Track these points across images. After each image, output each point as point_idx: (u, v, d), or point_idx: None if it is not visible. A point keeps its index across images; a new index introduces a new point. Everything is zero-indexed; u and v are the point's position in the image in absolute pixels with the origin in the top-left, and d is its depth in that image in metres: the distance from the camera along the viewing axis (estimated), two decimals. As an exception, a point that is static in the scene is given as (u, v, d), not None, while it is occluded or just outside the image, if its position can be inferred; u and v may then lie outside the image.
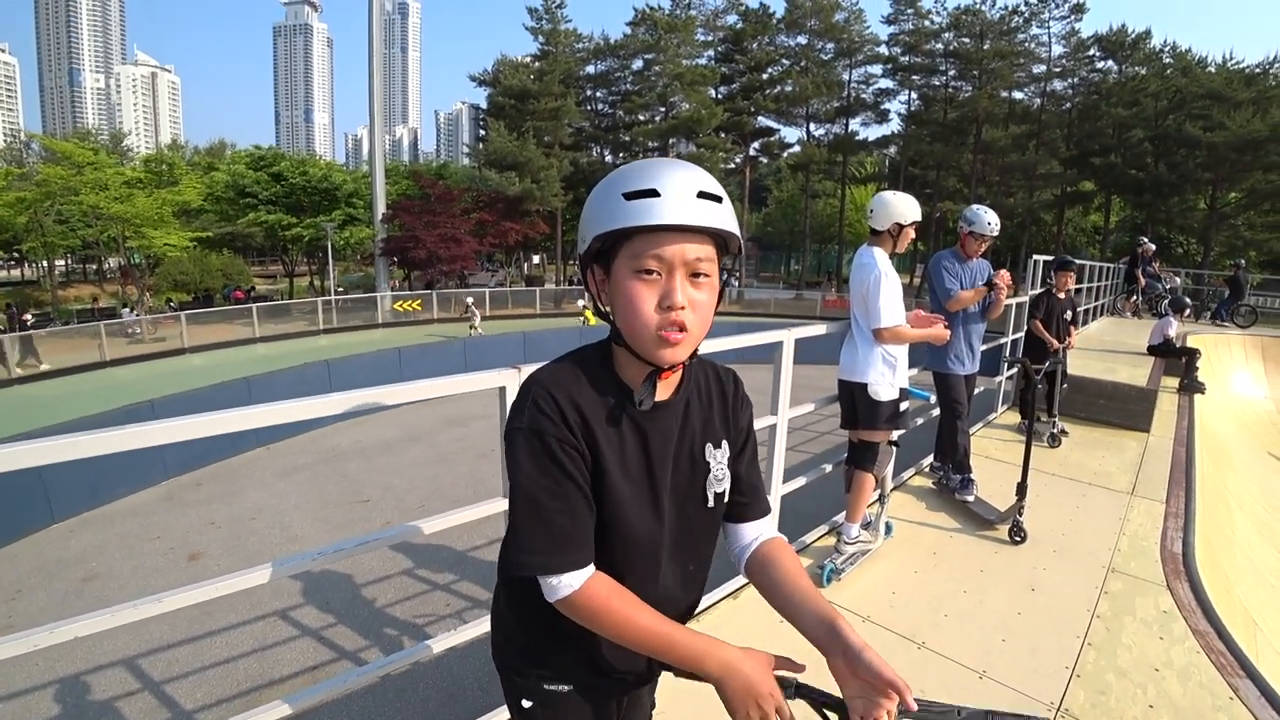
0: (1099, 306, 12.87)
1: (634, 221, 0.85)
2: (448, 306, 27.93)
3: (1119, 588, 3.17)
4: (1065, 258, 5.90)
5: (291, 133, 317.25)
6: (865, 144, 40.78)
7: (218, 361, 18.99)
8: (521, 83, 35.54)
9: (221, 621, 4.92)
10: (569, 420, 0.90)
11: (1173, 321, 8.52)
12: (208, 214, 33.90)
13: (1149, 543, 3.74)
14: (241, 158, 37.54)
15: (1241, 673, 2.63)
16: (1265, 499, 7.44)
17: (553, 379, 0.93)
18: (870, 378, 2.96)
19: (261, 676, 4.20)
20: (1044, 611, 2.88)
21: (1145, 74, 32.40)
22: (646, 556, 0.99)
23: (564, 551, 0.89)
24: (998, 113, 34.85)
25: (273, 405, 1.45)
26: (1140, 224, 32.42)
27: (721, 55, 39.87)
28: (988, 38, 34.49)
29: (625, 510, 0.95)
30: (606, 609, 0.89)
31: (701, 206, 0.86)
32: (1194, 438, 6.23)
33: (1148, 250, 14.15)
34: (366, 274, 42.49)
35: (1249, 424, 9.73)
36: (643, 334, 0.88)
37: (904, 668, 2.35)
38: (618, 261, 0.89)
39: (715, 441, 1.05)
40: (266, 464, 9.10)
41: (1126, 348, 8.90)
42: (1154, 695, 2.38)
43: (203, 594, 1.45)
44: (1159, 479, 4.91)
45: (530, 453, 0.90)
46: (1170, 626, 2.89)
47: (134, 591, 5.50)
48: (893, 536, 3.46)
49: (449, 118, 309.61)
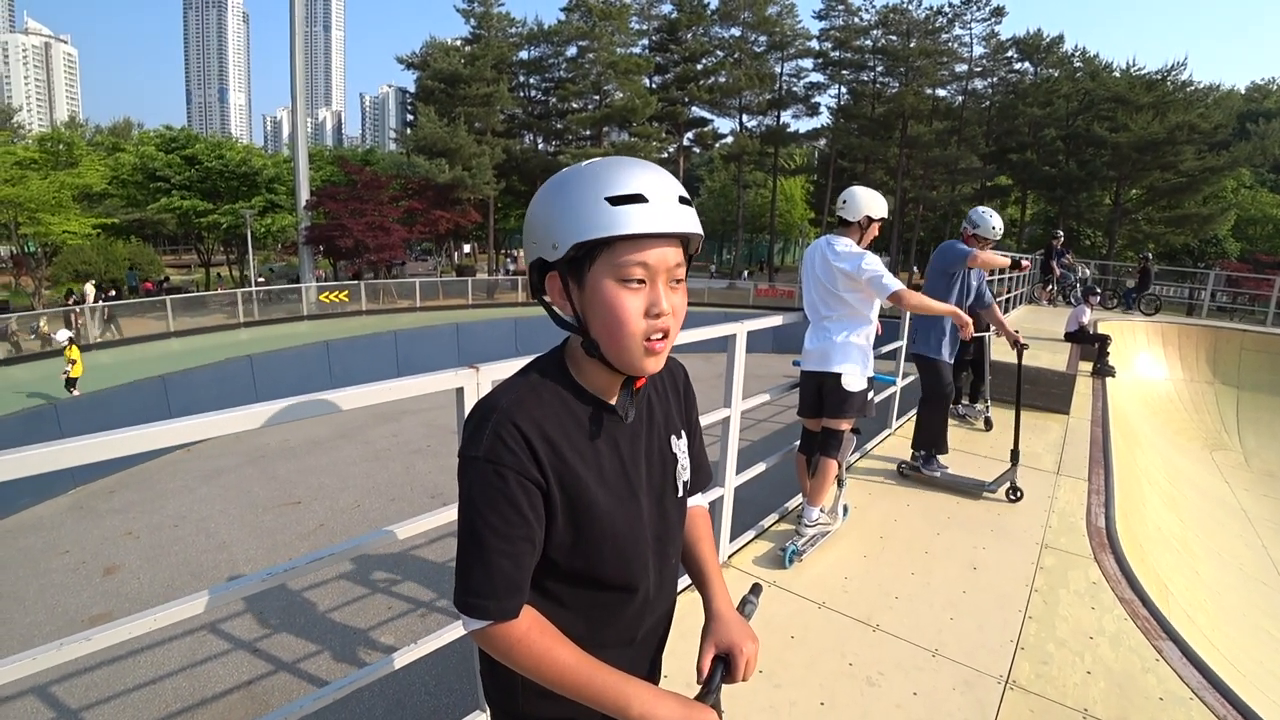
0: (1018, 296, 13.57)
1: (623, 229, 0.80)
2: (377, 297, 26.99)
3: (1052, 562, 3.34)
4: None
5: (205, 113, 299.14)
6: (796, 136, 41.76)
7: (128, 358, 17.74)
8: (452, 67, 34.55)
9: (145, 640, 4.59)
10: (534, 450, 0.86)
11: (1086, 309, 9.05)
12: (113, 199, 31.52)
13: (1076, 519, 3.97)
14: (150, 139, 35.00)
15: (1164, 636, 2.82)
16: (1168, 472, 8.04)
17: (517, 405, 0.88)
18: (844, 368, 2.99)
19: (192, 696, 3.92)
20: (987, 589, 3.00)
21: (1058, 76, 34.41)
22: (637, 560, 0.97)
23: (495, 598, 0.86)
24: (922, 109, 36.21)
25: (210, 416, 1.31)
26: (1053, 218, 34.42)
27: (656, 45, 39.89)
28: (914, 36, 35.81)
29: (610, 520, 0.92)
30: (522, 644, 0.87)
31: (681, 211, 0.84)
32: (1108, 418, 6.64)
33: (1060, 241, 15.01)
34: (290, 264, 40.57)
35: (1151, 403, 10.49)
36: (628, 344, 0.85)
37: (861, 650, 2.42)
38: (595, 269, 0.84)
39: (677, 433, 1.06)
40: (188, 467, 8.54)
41: (1045, 334, 9.41)
42: (1090, 662, 2.52)
43: (139, 627, 1.31)
44: (1081, 458, 5.22)
45: (483, 486, 0.85)
46: (1100, 596, 3.07)
47: (41, 611, 5.05)
48: (848, 519, 3.54)
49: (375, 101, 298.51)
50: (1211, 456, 9.71)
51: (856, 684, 2.25)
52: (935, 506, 3.91)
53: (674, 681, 1.05)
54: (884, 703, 2.16)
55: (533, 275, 0.90)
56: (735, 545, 3.16)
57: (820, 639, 2.49)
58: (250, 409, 1.34)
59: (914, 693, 2.22)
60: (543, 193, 0.88)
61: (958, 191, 37.12)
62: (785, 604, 2.75)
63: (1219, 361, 11.51)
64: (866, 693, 2.21)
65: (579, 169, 0.87)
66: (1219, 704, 2.39)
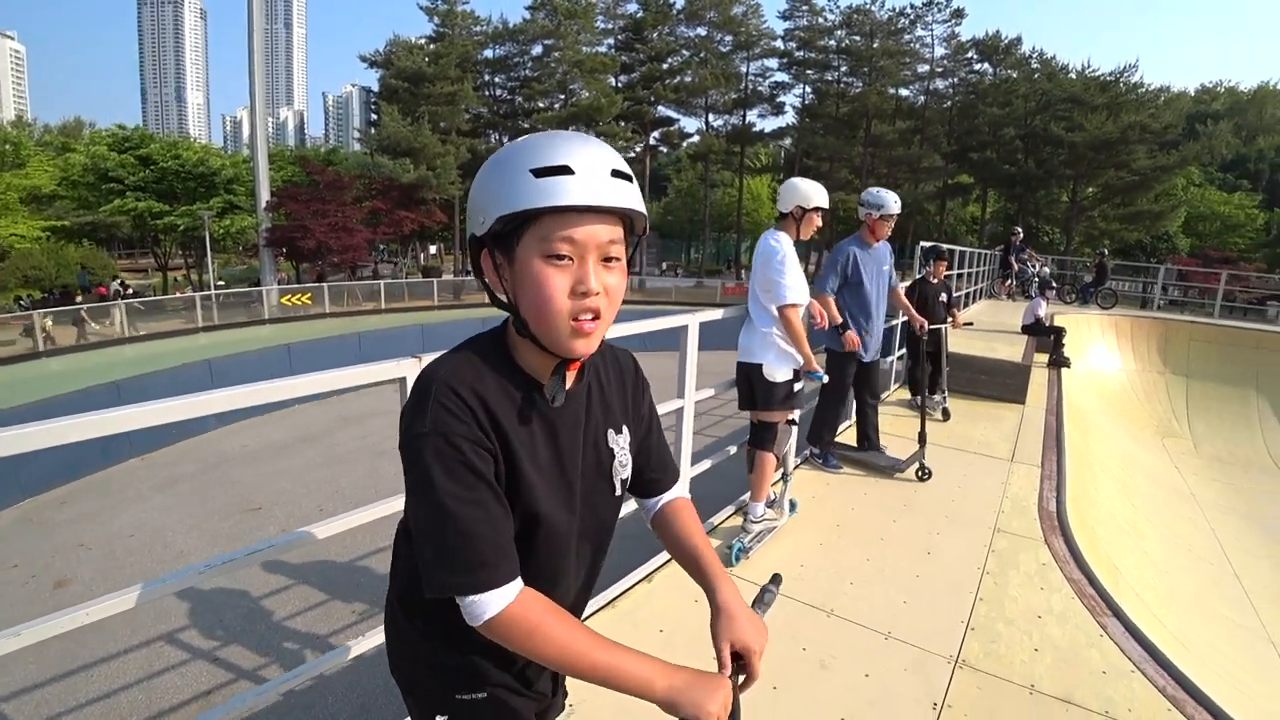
0: (978, 290, 13.89)
1: (545, 202, 0.78)
2: (341, 299, 26.51)
3: (1004, 545, 3.43)
4: (939, 246, 6.31)
5: (161, 112, 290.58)
6: (762, 135, 42.16)
7: (79, 365, 17.16)
8: (416, 65, 34.14)
9: (99, 652, 4.46)
10: (479, 418, 0.83)
11: (1042, 302, 9.30)
12: (63, 200, 30.43)
13: (1028, 503, 4.08)
14: (103, 138, 33.80)
15: (1109, 612, 2.92)
16: (1121, 459, 8.30)
17: (454, 373, 0.85)
18: (766, 359, 3.05)
19: (148, 708, 3.84)
20: (940, 573, 3.07)
21: (1016, 77, 35.21)
22: (560, 551, 0.95)
23: (487, 567, 0.81)
24: (886, 108, 36.81)
25: (154, 404, 1.30)
26: (1012, 215, 35.25)
27: (622, 44, 39.89)
28: (877, 36, 36.35)
29: (541, 506, 0.89)
30: (541, 630, 0.82)
31: (615, 186, 0.81)
32: (1063, 408, 6.84)
33: (1019, 238, 15.40)
34: (251, 267, 39.61)
35: (1105, 393, 10.81)
36: (555, 323, 0.82)
37: (816, 634, 2.46)
38: (523, 245, 0.81)
39: (617, 427, 1.02)
40: (143, 476, 8.32)
41: (1004, 327, 9.64)
42: (1038, 639, 2.60)
43: (71, 621, 1.28)
44: (1035, 446, 5.36)
45: (439, 458, 0.81)
46: (1048, 576, 3.16)
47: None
48: (797, 514, 3.58)
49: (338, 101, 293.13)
50: (1162, 443, 10.05)
51: (809, 667, 2.29)
52: (892, 495, 3.99)
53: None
54: (836, 685, 2.21)
55: (471, 252, 0.88)
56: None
57: (774, 625, 2.48)
58: (187, 399, 1.33)
59: (866, 674, 2.27)
60: (481, 170, 0.86)
61: (920, 190, 37.75)
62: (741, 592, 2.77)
63: (1169, 352, 11.91)
64: (819, 675, 2.25)
65: (515, 142, 0.84)
66: (1159, 675, 2.48)
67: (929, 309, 5.94)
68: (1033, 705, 2.21)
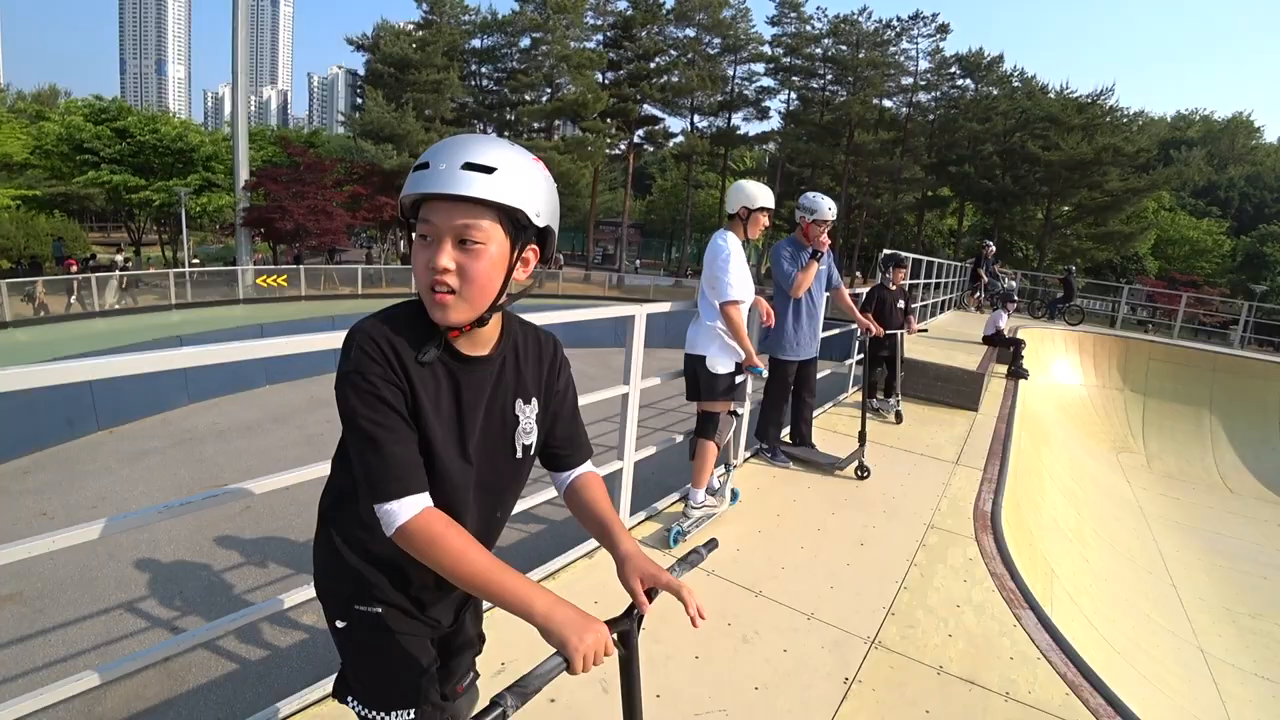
0: (946, 301, 14.23)
1: (408, 190, 0.96)
2: (317, 283, 26.29)
3: (935, 541, 3.63)
4: (898, 254, 6.52)
5: (140, 85, 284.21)
6: (746, 138, 42.47)
7: (48, 337, 16.89)
8: (403, 51, 33.87)
9: (56, 618, 4.51)
10: (390, 360, 0.98)
11: (1003, 314, 9.59)
12: (35, 170, 29.83)
13: (965, 503, 4.29)
14: (79, 108, 33.06)
15: (1025, 605, 3.12)
16: (1073, 470, 8.61)
17: (373, 327, 1.01)
18: (709, 351, 3.21)
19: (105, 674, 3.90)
20: (870, 563, 3.26)
21: (997, 94, 35.95)
22: (455, 496, 1.08)
23: (400, 480, 0.97)
24: (869, 118, 37.35)
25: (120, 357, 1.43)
26: (989, 229, 35.93)
27: (610, 41, 39.91)
28: (863, 47, 36.85)
29: (436, 449, 1.03)
30: (443, 540, 0.96)
31: (465, 177, 0.93)
32: (1014, 416, 7.09)
33: (990, 251, 15.77)
34: (227, 246, 39.03)
35: (1066, 407, 11.16)
36: (421, 291, 1.00)
37: (741, 612, 2.63)
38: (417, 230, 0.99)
39: (525, 398, 1.15)
40: (110, 448, 8.28)
41: (966, 337, 9.93)
42: (953, 626, 2.79)
43: (43, 546, 1.47)
44: (980, 451, 5.59)
45: (359, 393, 0.97)
46: (973, 571, 3.36)
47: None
48: (739, 503, 3.74)
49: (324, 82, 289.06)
50: (1117, 458, 10.41)
51: (732, 641, 2.46)
52: (834, 490, 4.18)
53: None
54: (755, 657, 2.38)
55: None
56: (632, 521, 3.35)
57: (704, 602, 2.66)
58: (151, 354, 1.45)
59: (784, 649, 2.44)
60: None
61: (900, 200, 38.38)
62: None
63: (1129, 370, 12.28)
64: (740, 649, 2.42)
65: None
66: (1063, 663, 2.67)
67: (886, 315, 6.15)
68: (939, 684, 2.39)
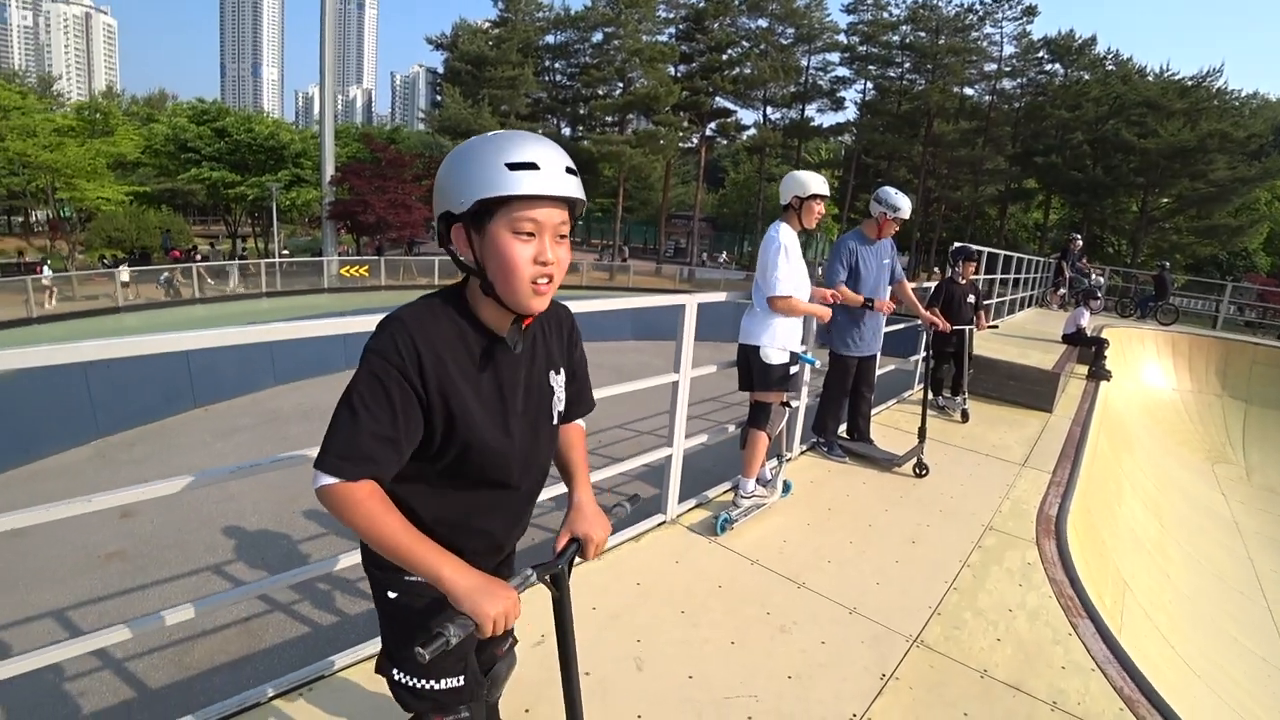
0: (1028, 298, 13.57)
1: (520, 190, 0.99)
2: (397, 273, 27.48)
3: (992, 543, 3.52)
4: (968, 247, 6.28)
5: (238, 87, 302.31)
6: (820, 130, 41.56)
7: (153, 322, 18.33)
8: (479, 49, 34.84)
9: (154, 575, 4.96)
10: (421, 361, 1.04)
11: (1085, 312, 9.09)
12: (145, 168, 32.36)
13: (1028, 506, 4.13)
14: (183, 110, 35.70)
15: (1084, 614, 2.99)
16: (1158, 479, 8.10)
17: (415, 321, 1.06)
18: (763, 341, 3.21)
19: (194, 628, 4.27)
20: (920, 561, 3.20)
21: (1088, 79, 33.82)
22: (501, 467, 1.18)
23: (353, 461, 1.02)
24: (949, 107, 35.87)
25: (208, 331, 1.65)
26: (1077, 222, 33.94)
27: (682, 33, 39.75)
28: (943, 33, 35.38)
29: (481, 431, 1.12)
30: (363, 504, 1.02)
31: (570, 181, 1.04)
32: (1092, 419, 6.74)
33: (1076, 245, 14.91)
34: (314, 238, 41.20)
35: (1154, 412, 10.49)
36: (519, 286, 1.04)
37: (782, 603, 2.65)
38: (495, 222, 1.02)
39: (556, 369, 1.26)
40: (204, 425, 8.96)
41: (1044, 336, 9.47)
42: (1002, 630, 2.71)
43: (131, 496, 1.68)
44: (1051, 453, 5.35)
45: (370, 374, 1.03)
46: (1030, 575, 3.25)
47: (64, 547, 5.44)
48: (790, 495, 3.73)
49: (406, 81, 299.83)
50: (1212, 469, 9.71)
51: (769, 630, 2.47)
52: (890, 487, 4.10)
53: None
54: (791, 647, 2.39)
55: (440, 226, 1.09)
56: (682, 507, 3.39)
57: (745, 590, 2.72)
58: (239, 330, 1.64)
59: (822, 641, 2.44)
60: (452, 158, 1.06)
61: (982, 192, 36.73)
62: (719, 558, 2.98)
63: (1229, 374, 11.42)
64: (776, 637, 2.43)
65: (485, 139, 1.04)
66: (1119, 676, 2.55)
67: (954, 309, 5.96)
68: (981, 687, 2.33)
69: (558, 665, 1.18)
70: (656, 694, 2.08)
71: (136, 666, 4.01)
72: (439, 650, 0.92)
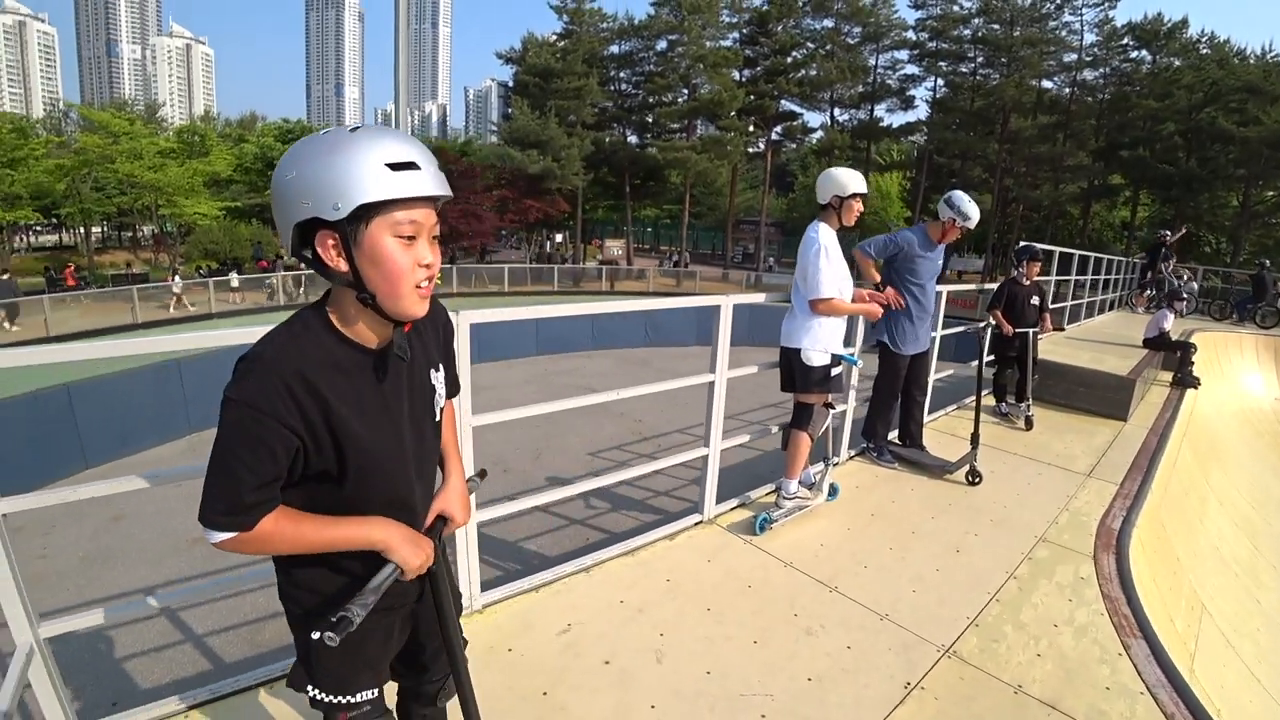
0: (1110, 300, 12.83)
1: (406, 193, 0.94)
2: (468, 280, 28.46)
3: (1044, 555, 3.39)
4: (1032, 246, 6.03)
5: (322, 106, 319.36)
6: (890, 130, 40.35)
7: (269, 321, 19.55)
8: (546, 61, 35.61)
9: (232, 559, 5.35)
10: (296, 397, 0.97)
11: (1168, 315, 8.54)
12: (237, 184, 34.70)
13: (1089, 518, 3.94)
14: (271, 130, 38.30)
15: (1138, 634, 2.83)
16: (1255, 496, 7.52)
17: (279, 356, 0.98)
18: (804, 343, 3.20)
19: (266, 609, 4.61)
20: (963, 570, 3.11)
21: (1180, 65, 31.63)
22: (399, 481, 1.16)
23: (239, 514, 1.00)
24: (1026, 102, 34.21)
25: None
26: (1169, 219, 31.78)
27: (746, 38, 39.44)
28: (1018, 24, 33.80)
29: (371, 450, 1.07)
30: (273, 536, 1.03)
31: (442, 178, 1.00)
32: (1172, 429, 6.34)
33: (1169, 242, 13.93)
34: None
35: (1253, 423, 9.74)
36: (403, 290, 0.99)
37: (811, 605, 2.65)
38: (374, 226, 0.95)
39: (435, 366, 1.24)
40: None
41: (1124, 340, 8.95)
42: (1044, 646, 2.59)
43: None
44: (1121, 464, 5.07)
45: (239, 427, 0.97)
46: (1082, 591, 3.10)
47: (156, 531, 5.96)
48: (836, 499, 3.69)
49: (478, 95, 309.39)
50: (1320, 486, 8.93)
51: (795, 631, 2.48)
52: (938, 494, 4.00)
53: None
54: (815, 650, 2.38)
55: (295, 235, 0.99)
56: (721, 507, 3.42)
57: (775, 591, 2.73)
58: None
59: (848, 646, 2.43)
60: (309, 157, 0.95)
61: (1063, 190, 34.81)
62: (752, 558, 3.00)
63: (1339, 382, 10.54)
64: (802, 639, 2.43)
65: (347, 136, 0.96)
66: (1171, 701, 2.37)
67: (1018, 311, 5.75)
68: (1013, 703, 2.24)
69: (579, 652, 1.23)
70: (672, 686, 2.13)
71: (213, 641, 4.35)
72: (345, 631, 0.97)
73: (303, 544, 1.07)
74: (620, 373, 14.09)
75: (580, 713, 2.02)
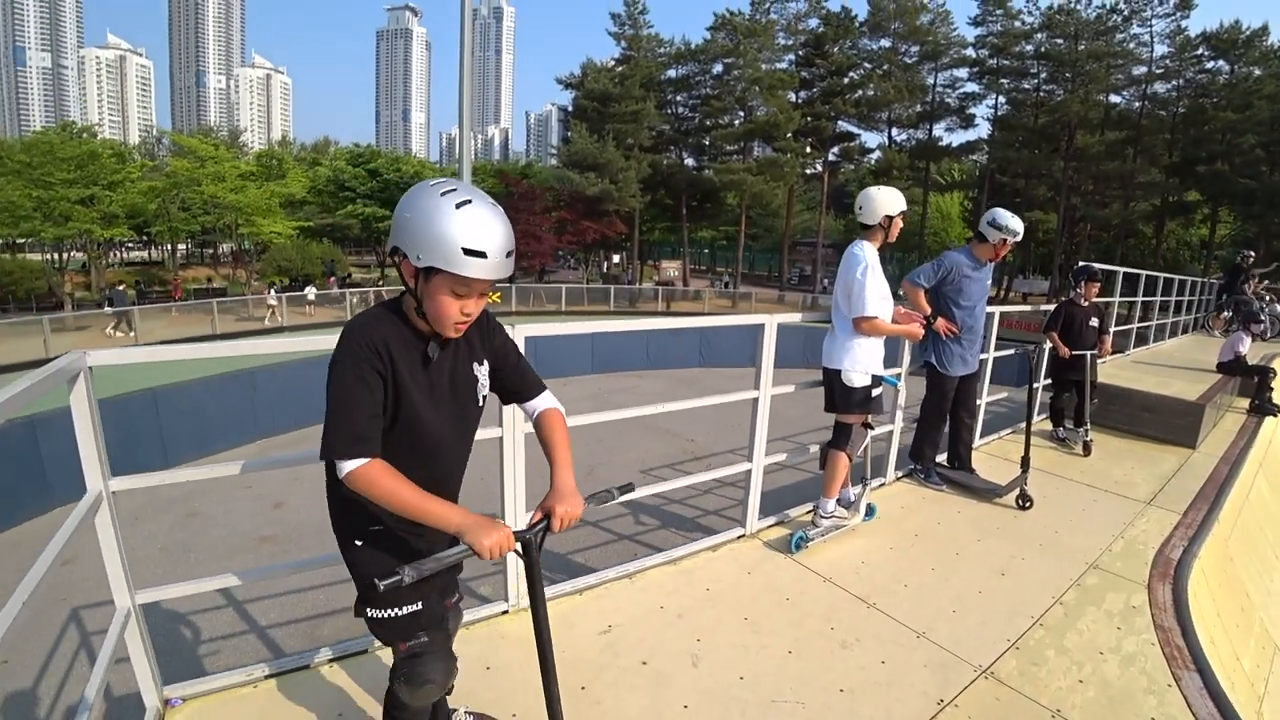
0: (1185, 323, 12.24)
1: (469, 274, 1.28)
2: (527, 300, 29.18)
3: (1094, 581, 3.30)
4: (1090, 266, 5.88)
5: (390, 131, 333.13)
6: (949, 150, 39.55)
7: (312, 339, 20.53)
8: (604, 86, 36.44)
9: (297, 557, 5.67)
10: (380, 354, 1.35)
11: (1245, 338, 8.12)
12: (310, 205, 36.61)
13: (1146, 547, 3.81)
14: (342, 154, 40.37)
15: (1192, 667, 2.71)
16: (1342, 533, 7.06)
17: (372, 324, 1.38)
18: (844, 364, 3.23)
19: (325, 606, 4.86)
20: (1006, 593, 3.07)
21: (1260, 74, 30.02)
22: (435, 434, 1.48)
23: (356, 443, 1.31)
24: (1092, 117, 33.09)
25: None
26: (1251, 238, 30.02)
27: (801, 59, 39.51)
28: (1083, 38, 32.83)
29: (419, 408, 1.43)
30: (380, 480, 1.30)
31: (507, 265, 1.33)
32: (1246, 457, 6.04)
33: (1250, 261, 13.18)
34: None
35: (1344, 455, 9.11)
36: (445, 325, 1.36)
37: (848, 620, 2.70)
38: (439, 278, 1.30)
39: (479, 360, 1.56)
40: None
41: (1196, 364, 8.54)
42: (1087, 673, 2.53)
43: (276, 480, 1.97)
44: (1186, 492, 4.87)
45: (349, 368, 1.33)
46: (1133, 620, 3.01)
47: (226, 529, 6.37)
48: (875, 519, 3.69)
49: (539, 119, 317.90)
50: None
51: (830, 644, 2.52)
52: (986, 517, 3.95)
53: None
54: (849, 663, 2.42)
55: (394, 255, 1.35)
56: (763, 523, 3.48)
57: (813, 605, 2.77)
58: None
59: (882, 661, 2.45)
60: (419, 209, 1.30)
61: (1133, 209, 33.39)
62: (792, 573, 3.05)
63: None
64: (836, 652, 2.47)
65: (451, 211, 1.28)
66: None
67: (1075, 334, 5.62)
68: (1049, 727, 2.21)
69: (618, 651, 1.34)
70: (706, 689, 2.21)
71: (275, 634, 4.62)
72: (394, 586, 1.16)
73: (399, 499, 1.30)
74: (673, 392, 14.19)
75: (615, 708, 2.12)
